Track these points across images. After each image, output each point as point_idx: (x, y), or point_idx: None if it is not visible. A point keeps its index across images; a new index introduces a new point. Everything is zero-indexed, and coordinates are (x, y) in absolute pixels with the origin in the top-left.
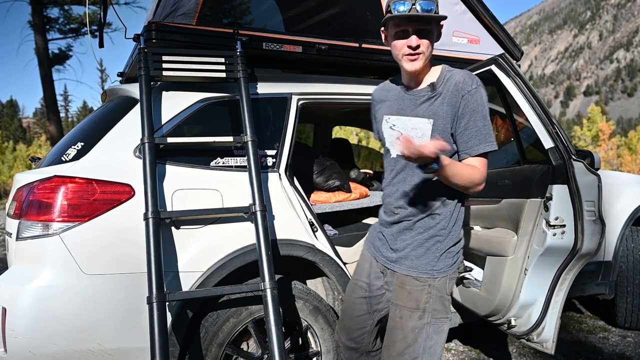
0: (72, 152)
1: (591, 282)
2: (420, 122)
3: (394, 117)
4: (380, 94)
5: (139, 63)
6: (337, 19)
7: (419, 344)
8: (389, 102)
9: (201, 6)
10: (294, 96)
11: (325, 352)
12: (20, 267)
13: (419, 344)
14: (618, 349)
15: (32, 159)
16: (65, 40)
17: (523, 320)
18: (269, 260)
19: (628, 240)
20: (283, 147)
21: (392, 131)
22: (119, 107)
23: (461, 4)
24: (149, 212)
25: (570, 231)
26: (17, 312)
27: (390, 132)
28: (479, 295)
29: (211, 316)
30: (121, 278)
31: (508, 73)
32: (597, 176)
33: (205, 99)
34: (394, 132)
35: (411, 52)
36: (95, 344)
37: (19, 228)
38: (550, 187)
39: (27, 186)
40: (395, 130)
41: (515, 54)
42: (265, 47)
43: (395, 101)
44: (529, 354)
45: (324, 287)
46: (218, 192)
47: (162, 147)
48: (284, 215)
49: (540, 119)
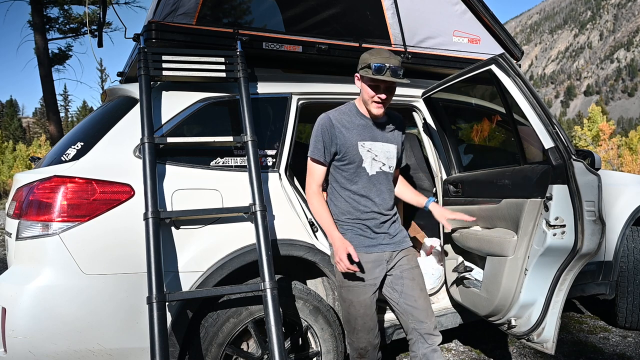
0: (71, 152)
1: (592, 282)
2: (390, 146)
3: (368, 142)
4: (341, 121)
5: (139, 63)
6: (337, 19)
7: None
8: (359, 130)
9: (201, 6)
10: (294, 96)
11: (325, 352)
12: (20, 267)
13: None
14: (618, 349)
15: (31, 159)
16: (65, 40)
17: (523, 320)
18: (269, 260)
19: (628, 240)
20: (283, 147)
21: (369, 153)
22: (119, 107)
23: (461, 4)
24: (148, 212)
25: (571, 231)
26: (17, 312)
27: (368, 154)
28: (479, 295)
29: (211, 316)
30: (121, 278)
31: (508, 73)
32: (597, 176)
33: (205, 98)
34: (369, 153)
35: (379, 101)
36: (95, 344)
37: (19, 228)
38: (550, 187)
39: (26, 186)
40: (371, 153)
41: (515, 54)
42: (266, 47)
43: (365, 129)
44: (529, 354)
45: (324, 287)
46: (218, 192)
47: (162, 147)
48: (284, 215)
49: (540, 118)
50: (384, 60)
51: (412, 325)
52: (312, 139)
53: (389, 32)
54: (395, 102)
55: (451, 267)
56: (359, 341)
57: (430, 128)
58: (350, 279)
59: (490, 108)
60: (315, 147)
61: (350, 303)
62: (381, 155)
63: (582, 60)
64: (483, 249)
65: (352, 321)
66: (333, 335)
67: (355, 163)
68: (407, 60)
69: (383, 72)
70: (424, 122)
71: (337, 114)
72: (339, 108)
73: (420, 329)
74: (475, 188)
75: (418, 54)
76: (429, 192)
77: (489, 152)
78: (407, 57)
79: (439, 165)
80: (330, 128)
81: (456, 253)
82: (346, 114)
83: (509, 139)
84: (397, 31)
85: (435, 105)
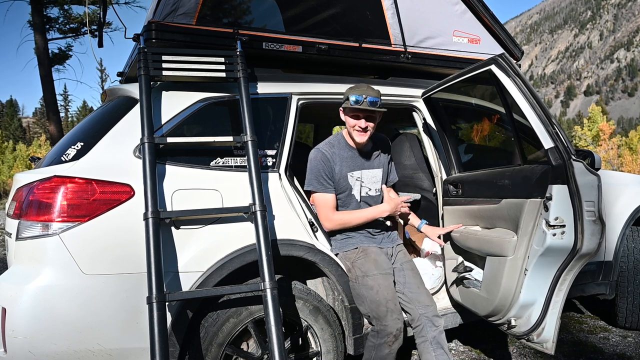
0: (71, 152)
1: (592, 282)
2: (376, 172)
3: (357, 172)
4: (333, 156)
5: (139, 63)
6: (337, 19)
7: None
8: (348, 162)
9: (201, 6)
10: (294, 96)
11: (325, 352)
12: (20, 267)
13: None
14: (618, 349)
15: (31, 159)
16: (65, 40)
17: (523, 320)
18: (269, 260)
19: (628, 240)
20: (283, 147)
21: (357, 182)
22: (119, 107)
23: (461, 4)
24: (148, 212)
25: (570, 231)
26: (17, 312)
27: (356, 182)
28: (478, 295)
29: (211, 316)
30: (121, 278)
31: (508, 73)
32: (597, 176)
33: (205, 98)
34: (358, 182)
35: (360, 129)
36: (95, 344)
37: (19, 228)
38: (550, 187)
39: (26, 186)
40: (359, 180)
41: (515, 54)
42: (265, 47)
43: (353, 160)
44: (529, 354)
45: (324, 287)
46: (218, 192)
47: (162, 147)
48: (284, 215)
49: (540, 119)
50: (361, 93)
51: (419, 310)
52: (311, 176)
53: (389, 32)
54: (396, 102)
55: (451, 267)
56: (392, 324)
57: (430, 128)
58: (374, 267)
59: (490, 108)
60: (318, 182)
61: (378, 289)
62: (367, 181)
63: (582, 60)
64: (483, 249)
65: (381, 306)
66: (333, 335)
67: (346, 192)
68: (407, 60)
69: (361, 103)
70: (424, 122)
71: (327, 147)
72: (327, 141)
73: (427, 313)
74: (475, 188)
75: (418, 54)
76: (429, 192)
77: (488, 152)
78: (407, 57)
79: (439, 165)
80: (326, 162)
81: (456, 253)
82: (335, 147)
83: (509, 139)
84: (397, 31)
85: (435, 105)
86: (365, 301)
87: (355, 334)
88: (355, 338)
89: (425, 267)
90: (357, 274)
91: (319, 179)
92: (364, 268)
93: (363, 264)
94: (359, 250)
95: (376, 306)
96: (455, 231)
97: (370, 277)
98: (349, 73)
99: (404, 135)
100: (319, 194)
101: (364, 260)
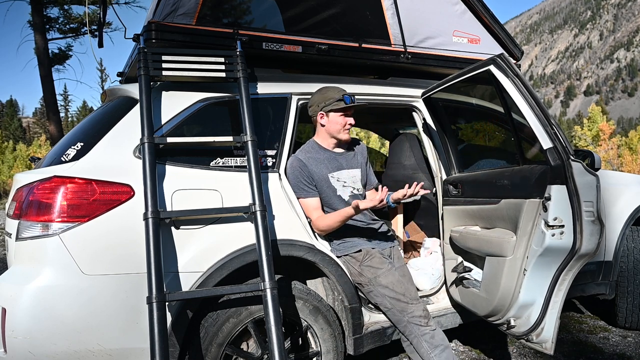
0: (71, 152)
1: (591, 282)
2: (354, 171)
3: (336, 172)
4: (309, 161)
5: (139, 63)
6: (337, 19)
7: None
8: (325, 164)
9: (201, 6)
10: (294, 96)
11: (325, 352)
12: (20, 267)
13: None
14: (618, 349)
15: (31, 159)
16: (65, 40)
17: (522, 320)
18: (269, 260)
19: (628, 240)
20: (283, 147)
21: (339, 182)
22: (119, 107)
23: (461, 4)
24: (148, 212)
25: (569, 231)
26: (17, 313)
27: (338, 183)
28: (478, 295)
29: (211, 316)
30: (121, 278)
31: (507, 73)
32: (596, 176)
33: (205, 99)
34: (339, 182)
35: (350, 126)
36: (95, 344)
37: (19, 228)
38: (549, 187)
39: (26, 186)
40: (340, 181)
41: (515, 54)
42: (265, 47)
43: (331, 161)
44: (529, 354)
45: (323, 287)
46: (218, 192)
47: (162, 147)
48: (284, 215)
49: (538, 119)
50: (344, 92)
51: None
52: (292, 183)
53: (389, 32)
54: (395, 102)
55: (451, 267)
56: (418, 308)
57: (430, 128)
58: (382, 266)
59: (490, 108)
60: (300, 188)
61: (394, 283)
62: (349, 181)
63: (582, 60)
64: (482, 249)
65: (404, 296)
66: (333, 335)
67: (331, 194)
68: (407, 60)
69: (354, 100)
70: (424, 122)
71: (302, 153)
72: (302, 148)
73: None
74: (475, 188)
75: (418, 54)
76: (429, 192)
77: (488, 153)
78: (407, 57)
79: (439, 166)
80: (303, 167)
81: (455, 253)
82: (310, 152)
83: (508, 139)
84: (397, 31)
85: (435, 105)
86: (386, 298)
87: (355, 334)
88: (355, 338)
89: (425, 267)
90: (369, 276)
91: (299, 185)
92: (373, 269)
93: (370, 265)
94: (364, 253)
95: (397, 301)
96: (455, 231)
97: (382, 276)
98: (349, 73)
99: (404, 135)
100: (302, 199)
101: (370, 262)
